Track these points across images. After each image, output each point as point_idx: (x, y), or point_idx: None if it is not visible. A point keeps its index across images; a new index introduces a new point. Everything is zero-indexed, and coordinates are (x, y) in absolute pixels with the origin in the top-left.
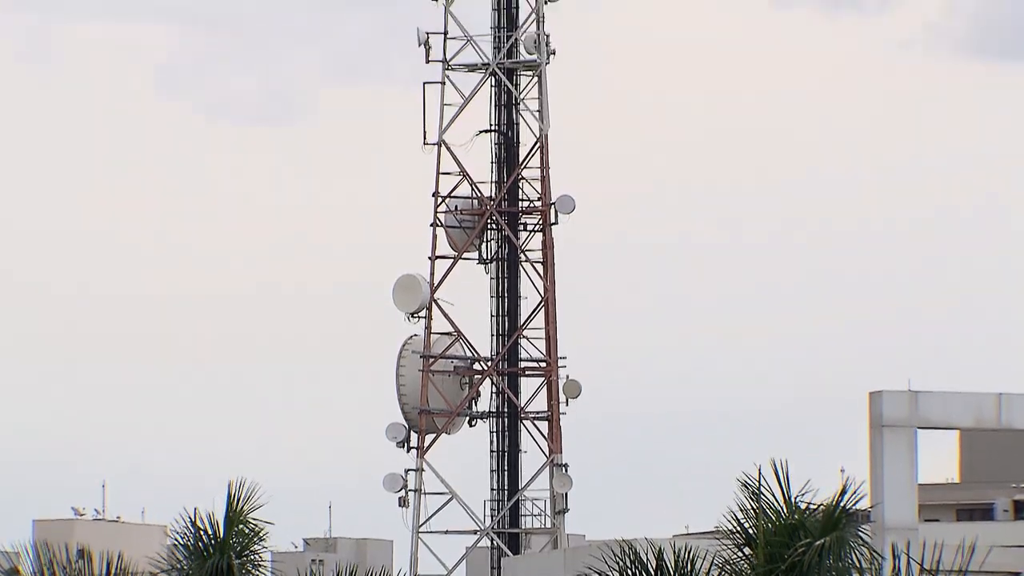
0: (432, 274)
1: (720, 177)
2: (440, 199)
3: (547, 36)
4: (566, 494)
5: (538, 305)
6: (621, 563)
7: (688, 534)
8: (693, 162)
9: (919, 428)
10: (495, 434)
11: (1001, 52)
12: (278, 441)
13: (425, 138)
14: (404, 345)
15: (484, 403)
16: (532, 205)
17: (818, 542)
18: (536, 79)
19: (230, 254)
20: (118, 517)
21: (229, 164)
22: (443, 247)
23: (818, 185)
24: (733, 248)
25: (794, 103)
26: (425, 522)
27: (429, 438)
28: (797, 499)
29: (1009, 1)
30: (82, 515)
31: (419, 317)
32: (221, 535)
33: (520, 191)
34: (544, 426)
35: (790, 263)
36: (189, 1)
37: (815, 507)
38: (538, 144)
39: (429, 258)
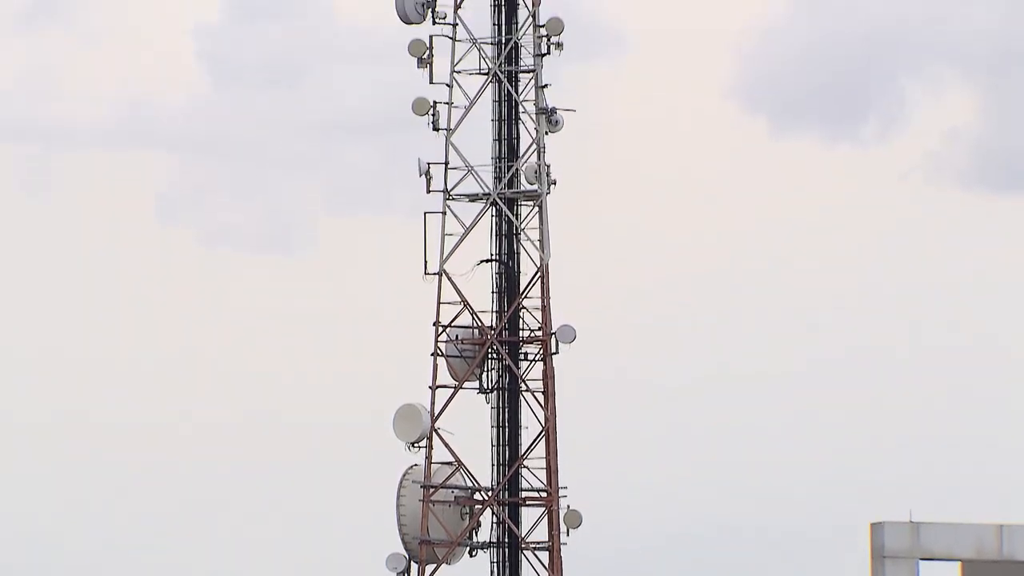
0: (432, 404)
1: (719, 308)
2: (441, 329)
3: (548, 166)
4: None
5: (539, 435)
6: None
7: None
8: (693, 294)
9: (921, 559)
10: (496, 564)
11: (1002, 183)
12: (278, 571)
13: (426, 268)
14: (404, 475)
15: (485, 533)
16: (533, 335)
17: None
18: (537, 209)
19: (229, 382)
20: None
21: (229, 292)
22: (444, 376)
23: (817, 315)
24: (731, 377)
25: (793, 234)
26: None
27: (429, 568)
28: None
29: (1011, 131)
30: None
31: (420, 447)
32: None
33: (521, 320)
34: (545, 556)
35: (789, 392)
36: (189, 129)
37: None
38: (539, 274)
39: (430, 388)
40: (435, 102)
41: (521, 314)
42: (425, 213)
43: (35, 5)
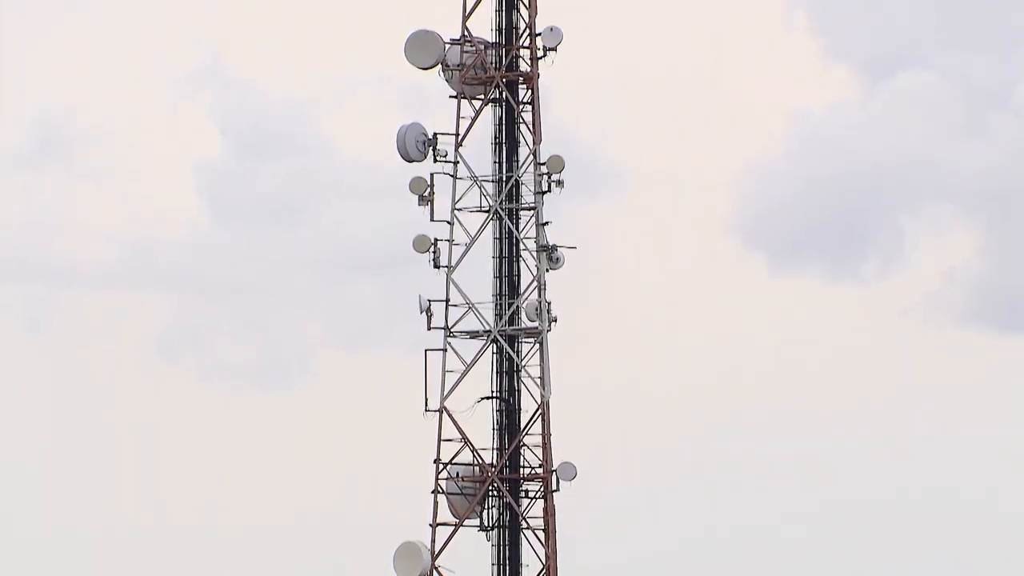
0: (433, 542)
1: (720, 443)
2: (442, 466)
3: (549, 303)
4: None
5: (540, 572)
6: None
7: None
8: (694, 431)
9: None
10: None
11: (1001, 322)
12: None
13: (427, 405)
14: None
15: None
16: (534, 472)
17: None
18: (538, 346)
19: (228, 520)
20: None
21: (228, 429)
22: (444, 514)
23: (818, 454)
24: (733, 516)
25: (793, 371)
26: None
27: None
28: None
29: (1010, 270)
30: None
31: None
32: None
33: (522, 458)
34: None
35: (789, 534)
36: (190, 266)
37: None
38: (540, 411)
39: (430, 525)
40: (436, 239)
41: (522, 451)
42: (426, 350)
43: (36, 144)
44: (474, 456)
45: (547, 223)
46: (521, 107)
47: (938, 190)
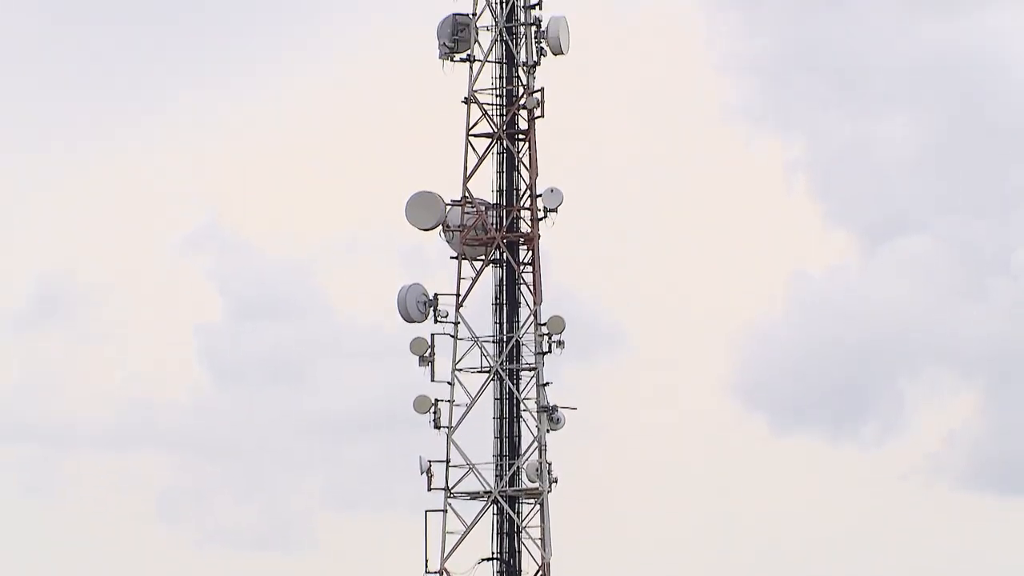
0: None
1: None
2: None
3: (549, 464)
4: None
5: None
6: None
7: None
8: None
9: None
10: None
11: (1001, 486)
12: None
13: (427, 566)
14: None
15: None
16: None
17: None
18: (539, 507)
19: None
20: None
21: None
22: None
23: None
24: None
25: (794, 532)
26: None
27: None
28: None
29: (1009, 434)
30: None
31: None
32: None
33: None
34: None
35: None
36: (190, 428)
37: None
38: (540, 572)
39: None
40: (436, 400)
41: None
42: (426, 511)
43: (36, 305)
44: None
45: (548, 384)
46: (522, 268)
47: (937, 353)
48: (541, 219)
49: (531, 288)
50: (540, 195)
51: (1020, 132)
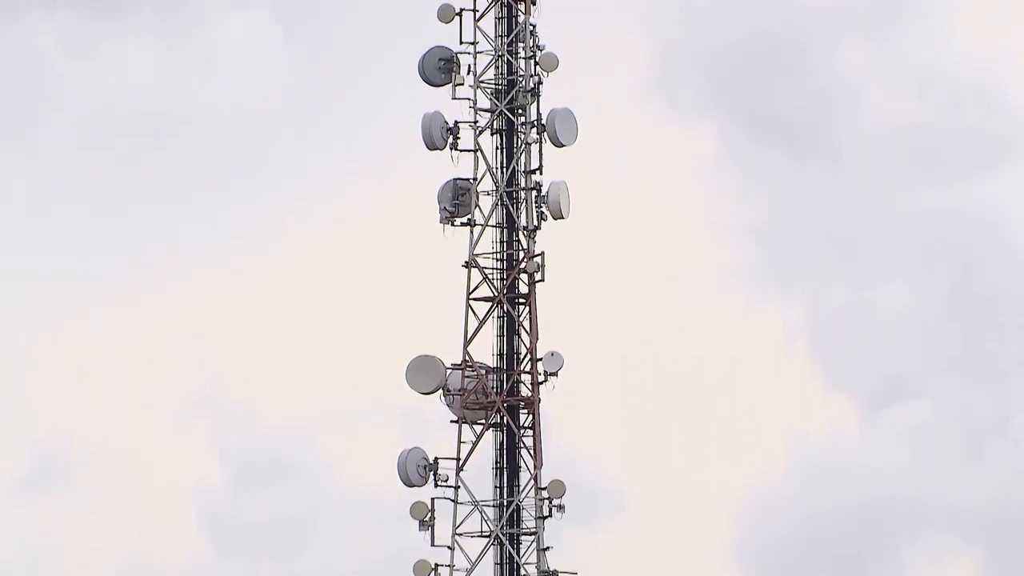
0: None
1: None
2: None
3: None
4: None
5: None
6: None
7: None
8: None
9: None
10: None
11: None
12: None
13: None
14: None
15: None
16: None
17: None
18: None
19: None
20: None
21: None
22: None
23: None
24: None
25: None
26: None
27: None
28: None
29: None
30: None
31: None
32: None
33: None
34: None
35: None
36: None
37: None
38: None
39: None
40: (436, 565)
41: None
42: None
43: (34, 470)
44: None
45: (548, 548)
46: (522, 432)
47: (937, 519)
48: (542, 383)
49: (531, 452)
50: (540, 359)
51: (1020, 299)
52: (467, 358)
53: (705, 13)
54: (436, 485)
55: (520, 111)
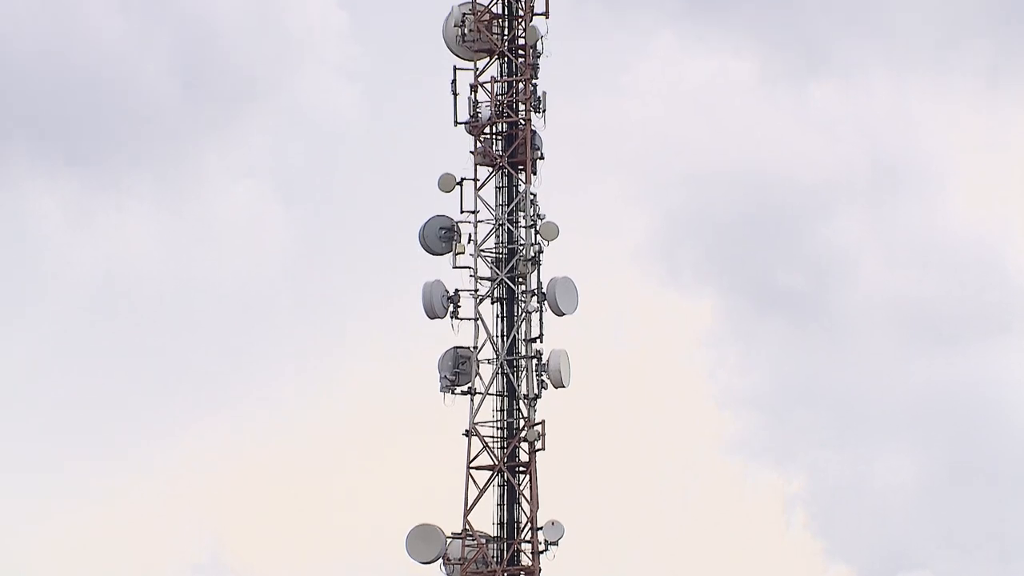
0: None
1: None
2: None
3: None
4: None
5: None
6: None
7: None
8: None
9: None
10: None
11: None
12: None
13: None
14: None
15: None
16: None
17: None
18: None
19: None
20: None
21: None
22: None
23: None
24: None
25: None
26: None
27: None
28: None
29: None
30: None
31: None
32: None
33: None
34: None
35: None
36: None
37: None
38: None
39: None
40: None
41: None
42: None
43: None
44: None
45: None
46: None
47: None
48: (542, 552)
49: None
50: (541, 528)
51: (1020, 472)
52: (467, 527)
53: (705, 183)
54: None
55: (521, 280)
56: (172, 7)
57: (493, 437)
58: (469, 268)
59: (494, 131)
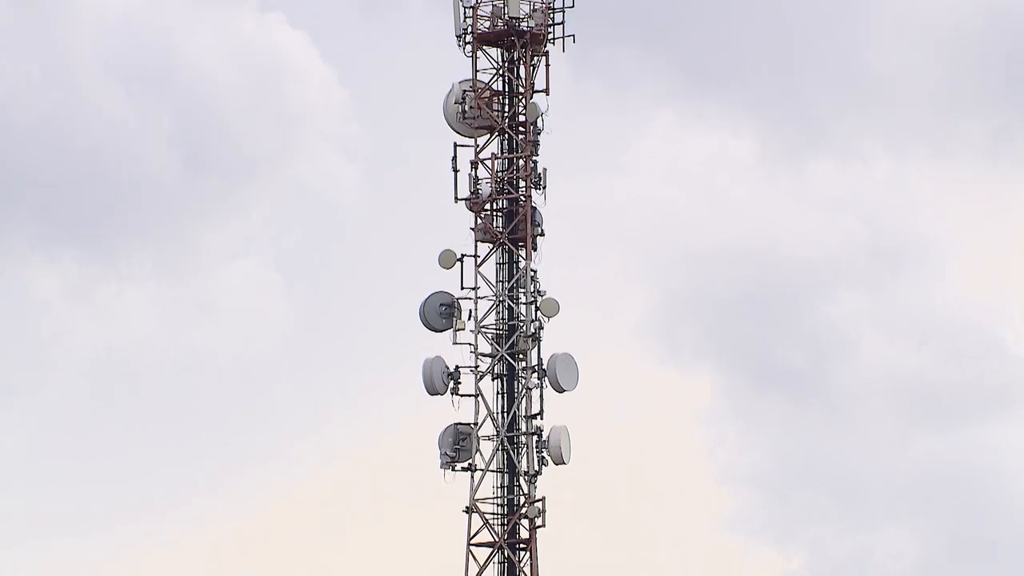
0: None
1: None
2: None
3: None
4: None
5: None
6: None
7: None
8: None
9: None
10: None
11: None
12: None
13: None
14: None
15: None
16: None
17: None
18: None
19: None
20: None
21: None
22: None
23: None
24: None
25: None
26: None
27: None
28: None
29: None
30: None
31: None
32: None
33: None
34: None
35: None
36: None
37: None
38: None
39: None
40: None
41: None
42: None
43: None
44: None
45: None
46: None
47: None
48: None
49: None
50: None
51: (1020, 548)
52: None
53: (705, 261)
54: None
55: (521, 356)
56: (173, 83)
57: (493, 514)
58: (470, 344)
59: (494, 207)
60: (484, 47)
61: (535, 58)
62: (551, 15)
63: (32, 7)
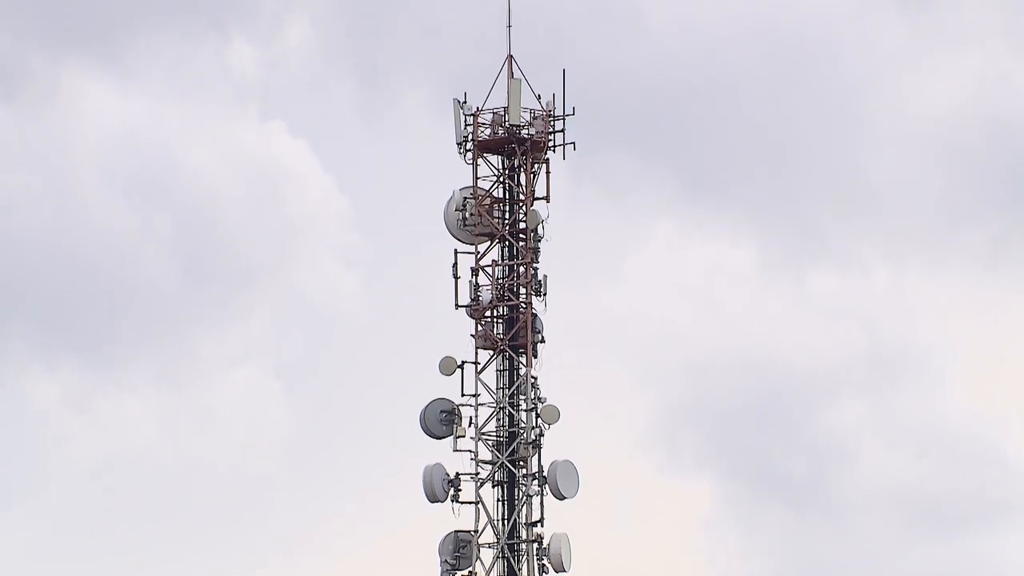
0: None
1: None
2: None
3: None
4: None
5: None
6: None
7: None
8: None
9: None
10: None
11: None
12: None
13: None
14: None
15: None
16: None
17: None
18: None
19: None
20: None
21: None
22: None
23: None
24: None
25: None
26: None
27: None
28: None
29: None
30: None
31: None
32: None
33: None
34: None
35: None
36: None
37: None
38: None
39: None
40: None
41: None
42: None
43: None
44: None
45: None
46: None
47: None
48: None
49: None
50: None
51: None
52: None
53: (705, 369)
54: None
55: (521, 463)
56: (173, 192)
57: None
58: (470, 451)
59: (495, 314)
60: (485, 154)
61: (536, 165)
62: (552, 123)
63: (33, 117)
